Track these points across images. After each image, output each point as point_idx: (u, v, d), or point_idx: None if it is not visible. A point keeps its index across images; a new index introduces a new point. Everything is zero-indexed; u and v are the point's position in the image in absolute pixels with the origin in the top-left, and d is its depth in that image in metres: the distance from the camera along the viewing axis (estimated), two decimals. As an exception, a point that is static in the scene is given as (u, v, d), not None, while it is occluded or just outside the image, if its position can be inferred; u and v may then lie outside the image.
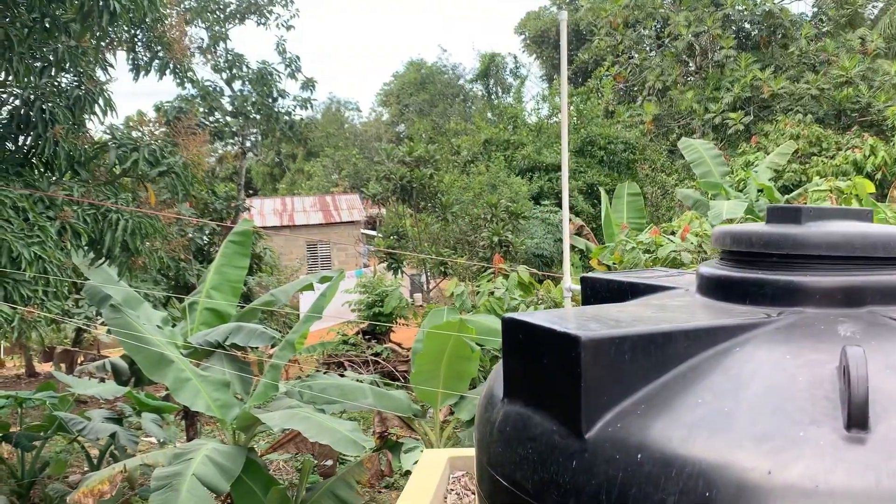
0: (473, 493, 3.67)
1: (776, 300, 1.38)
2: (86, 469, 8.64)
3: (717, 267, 1.56)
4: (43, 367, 14.29)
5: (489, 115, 26.05)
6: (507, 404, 1.43)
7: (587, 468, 1.17)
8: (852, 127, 19.09)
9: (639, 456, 1.11)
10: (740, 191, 13.71)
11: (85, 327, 10.48)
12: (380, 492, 7.99)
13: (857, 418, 1.01)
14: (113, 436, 7.49)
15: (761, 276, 1.41)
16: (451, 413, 6.91)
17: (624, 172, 16.72)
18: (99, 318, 9.98)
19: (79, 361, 11.78)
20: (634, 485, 1.09)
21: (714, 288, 1.52)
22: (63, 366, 11.50)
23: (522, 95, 22.89)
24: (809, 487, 0.97)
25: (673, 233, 7.94)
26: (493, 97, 34.01)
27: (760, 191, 12.60)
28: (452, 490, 3.85)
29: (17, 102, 4.64)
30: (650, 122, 21.68)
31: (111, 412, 8.20)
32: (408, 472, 5.69)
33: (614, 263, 7.54)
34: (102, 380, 8.45)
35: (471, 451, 3.77)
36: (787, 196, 12.32)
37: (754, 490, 0.99)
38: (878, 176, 15.77)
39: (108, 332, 6.45)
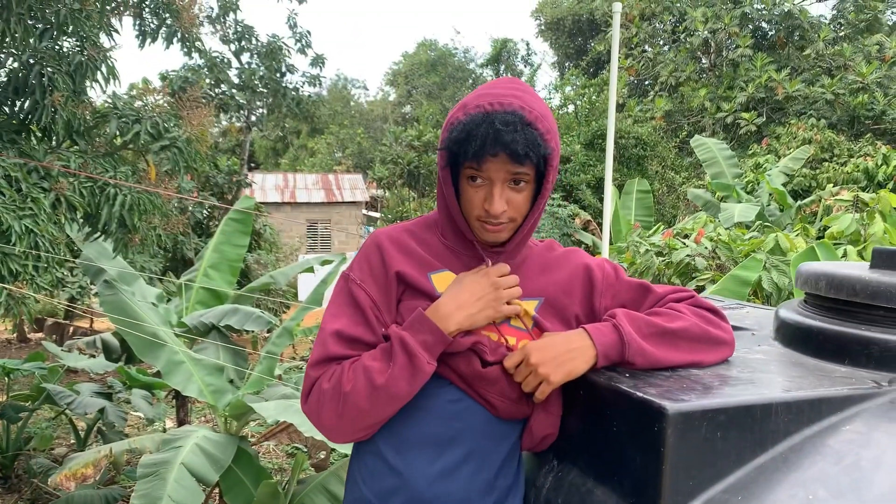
0: None
1: (885, 364, 1.17)
2: (72, 442, 8.46)
3: (804, 314, 1.34)
4: (35, 334, 14.09)
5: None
6: (559, 467, 1.23)
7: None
8: (865, 134, 18.82)
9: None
10: (749, 193, 13.49)
11: (78, 297, 10.26)
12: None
13: None
14: (101, 411, 7.30)
15: (867, 333, 1.20)
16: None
17: (634, 168, 16.45)
18: (93, 287, 9.79)
19: (70, 332, 11.57)
20: None
21: (802, 340, 1.31)
22: (55, 337, 11.29)
23: (535, 84, 22.55)
24: None
25: (686, 236, 7.72)
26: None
27: (771, 195, 12.37)
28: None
29: (15, 65, 4.39)
30: (661, 117, 21.39)
31: (101, 386, 8.01)
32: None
33: (625, 265, 7.32)
34: (92, 356, 8.25)
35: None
36: (798, 202, 12.08)
37: None
38: (890, 186, 15.54)
39: (101, 307, 6.23)
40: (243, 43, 13.82)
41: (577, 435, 1.20)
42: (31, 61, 4.34)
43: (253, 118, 15.19)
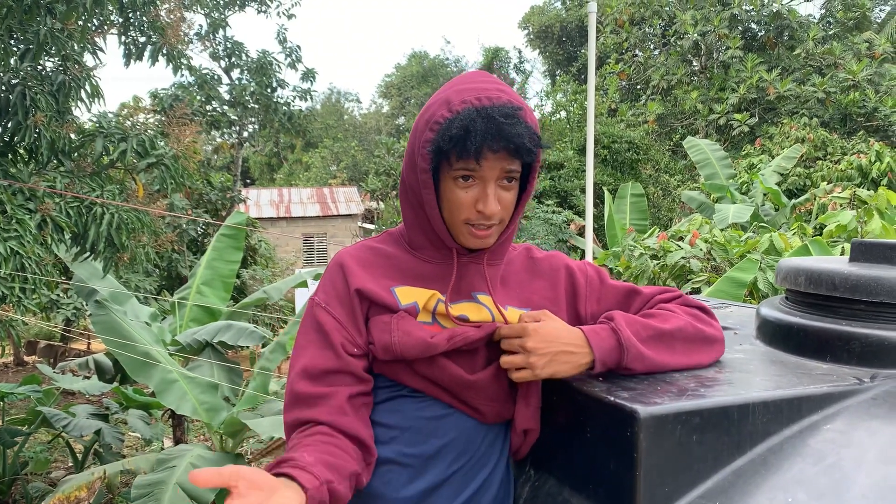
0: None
1: (867, 360, 1.13)
2: (70, 465, 8.39)
3: (785, 311, 1.31)
4: (29, 357, 14.02)
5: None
6: (535, 477, 1.19)
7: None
8: (858, 131, 18.86)
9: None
10: (744, 194, 13.48)
11: (74, 319, 10.21)
12: None
13: None
14: (98, 432, 7.25)
15: (848, 328, 1.16)
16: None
17: (627, 172, 16.46)
18: (88, 308, 9.76)
19: (65, 354, 11.51)
20: None
21: (783, 338, 1.27)
22: (51, 360, 11.23)
23: (526, 91, 22.58)
24: None
25: (681, 238, 7.69)
26: (494, 92, 33.61)
27: (766, 194, 12.37)
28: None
29: (-2, 87, 4.37)
30: (653, 121, 21.43)
31: (97, 408, 7.95)
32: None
33: (620, 269, 7.29)
34: (86, 377, 8.20)
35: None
36: (793, 201, 12.07)
37: None
38: (884, 182, 15.55)
39: (93, 328, 6.19)
40: (233, 59, 13.84)
41: (552, 443, 1.16)
42: (14, 82, 4.32)
43: (245, 134, 15.18)
